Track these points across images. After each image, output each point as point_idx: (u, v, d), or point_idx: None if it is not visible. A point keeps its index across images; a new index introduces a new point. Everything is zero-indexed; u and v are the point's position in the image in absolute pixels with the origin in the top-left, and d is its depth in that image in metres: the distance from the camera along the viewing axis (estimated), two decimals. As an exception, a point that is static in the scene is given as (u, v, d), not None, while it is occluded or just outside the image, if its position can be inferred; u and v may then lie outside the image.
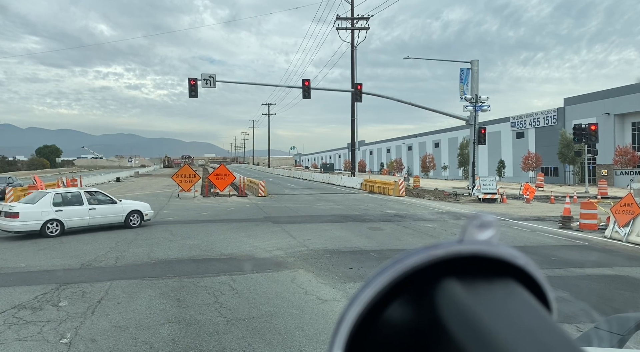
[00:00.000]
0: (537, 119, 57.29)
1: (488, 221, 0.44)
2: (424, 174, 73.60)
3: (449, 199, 27.58)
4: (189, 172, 27.53)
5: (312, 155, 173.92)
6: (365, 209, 20.90)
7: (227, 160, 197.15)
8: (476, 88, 30.11)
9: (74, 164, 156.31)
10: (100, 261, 9.82)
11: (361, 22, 39.49)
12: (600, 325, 1.85)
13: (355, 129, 41.76)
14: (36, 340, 5.44)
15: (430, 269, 0.41)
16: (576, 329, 5.68)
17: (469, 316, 0.37)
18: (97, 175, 51.87)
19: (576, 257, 10.53)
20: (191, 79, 28.38)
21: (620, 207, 13.34)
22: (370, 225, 15.61)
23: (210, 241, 12.24)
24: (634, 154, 42.70)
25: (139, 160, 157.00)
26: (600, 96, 48.14)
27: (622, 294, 7.57)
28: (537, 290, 0.43)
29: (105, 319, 6.13)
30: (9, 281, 8.24)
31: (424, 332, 0.39)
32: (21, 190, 25.50)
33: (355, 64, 39.69)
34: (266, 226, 15.36)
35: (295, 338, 5.49)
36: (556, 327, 0.37)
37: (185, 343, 5.34)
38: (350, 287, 7.74)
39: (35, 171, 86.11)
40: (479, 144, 29.56)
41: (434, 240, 12.28)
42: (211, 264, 9.56)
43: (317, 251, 10.92)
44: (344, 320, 0.40)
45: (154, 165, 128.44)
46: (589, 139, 30.40)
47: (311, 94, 30.05)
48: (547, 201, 25.95)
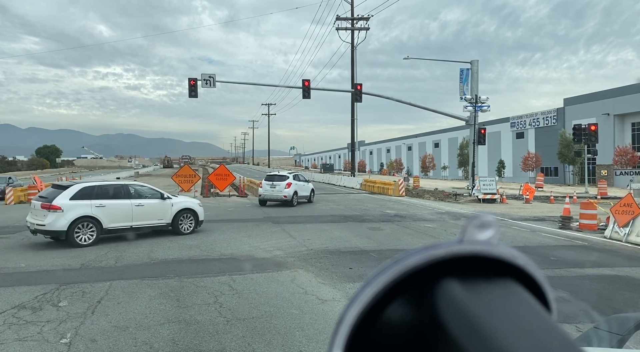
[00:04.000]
0: (536, 119, 57.31)
1: (488, 221, 0.44)
2: (424, 174, 73.59)
3: (448, 199, 27.58)
4: (188, 172, 27.51)
5: (312, 156, 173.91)
6: (365, 209, 20.90)
7: (227, 160, 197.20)
8: (476, 88, 30.12)
9: (73, 164, 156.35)
10: (100, 261, 9.82)
11: (361, 22, 39.49)
12: (599, 325, 1.85)
13: (355, 129, 41.75)
14: (36, 340, 5.44)
15: (430, 269, 0.41)
16: (576, 329, 5.68)
17: (469, 316, 0.37)
18: (97, 175, 51.85)
19: (576, 258, 10.54)
20: (191, 79, 28.38)
21: (620, 207, 13.35)
22: (370, 225, 15.61)
23: (210, 241, 12.24)
24: (633, 154, 42.70)
25: (139, 160, 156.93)
26: (600, 96, 48.15)
27: (621, 294, 7.57)
28: (537, 290, 0.43)
29: (105, 319, 6.13)
30: (9, 281, 8.24)
31: (423, 332, 0.39)
32: (21, 190, 25.49)
33: (355, 65, 39.68)
34: (266, 226, 15.36)
35: (295, 338, 5.49)
36: (556, 327, 0.37)
37: (185, 343, 5.34)
38: (350, 287, 7.74)
39: (35, 171, 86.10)
40: (478, 144, 29.56)
41: (434, 240, 12.27)
42: (211, 264, 9.56)
43: (317, 251, 10.92)
44: (343, 320, 0.40)
45: (154, 165, 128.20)
46: (588, 139, 30.40)
47: (311, 94, 30.06)
48: (547, 201, 25.95)
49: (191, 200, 14.23)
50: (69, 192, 11.77)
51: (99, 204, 11.98)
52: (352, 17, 39.62)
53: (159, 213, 13.12)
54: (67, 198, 11.64)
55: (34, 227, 11.57)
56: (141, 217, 12.73)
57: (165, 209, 13.23)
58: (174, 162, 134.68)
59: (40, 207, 11.57)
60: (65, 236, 11.41)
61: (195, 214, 13.55)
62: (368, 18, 39.27)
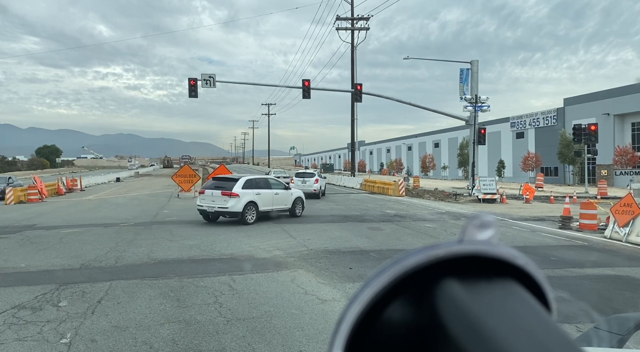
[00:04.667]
0: (537, 119, 57.32)
1: (488, 221, 0.44)
2: (424, 174, 73.60)
3: (448, 199, 27.58)
4: (188, 172, 27.52)
5: (312, 156, 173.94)
6: (365, 209, 20.90)
7: (227, 160, 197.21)
8: (476, 88, 30.12)
9: (73, 164, 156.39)
10: (100, 261, 9.82)
11: (361, 22, 39.49)
12: (599, 325, 1.85)
13: (355, 129, 41.74)
14: (36, 340, 5.44)
15: (430, 269, 0.41)
16: (576, 329, 5.68)
17: (469, 316, 0.37)
18: (97, 175, 51.85)
19: (576, 257, 10.54)
20: (191, 79, 28.38)
21: (620, 207, 13.35)
22: (370, 225, 15.61)
23: (210, 241, 12.24)
24: (633, 154, 42.71)
25: (139, 160, 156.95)
26: (600, 96, 48.16)
27: (622, 294, 7.58)
28: (537, 290, 0.43)
29: (105, 319, 6.13)
30: (9, 281, 8.24)
31: (423, 332, 0.39)
32: (21, 190, 25.49)
33: (355, 64, 39.68)
34: (266, 226, 15.36)
35: (295, 338, 5.49)
36: (556, 327, 0.37)
37: (185, 343, 5.34)
38: (350, 287, 7.74)
39: (35, 171, 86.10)
40: (478, 144, 29.56)
41: (434, 240, 12.28)
42: (211, 264, 9.56)
43: (317, 251, 10.92)
44: (343, 320, 0.40)
45: (149, 165, 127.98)
46: (588, 139, 30.40)
47: (311, 94, 30.06)
48: (547, 201, 25.95)
49: (299, 191, 18.32)
50: (240, 183, 15.63)
51: (257, 193, 15.95)
52: (352, 17, 39.62)
53: (285, 200, 17.19)
54: (240, 188, 15.45)
55: (213, 209, 15.37)
56: (277, 203, 16.84)
57: (288, 197, 17.24)
58: (174, 162, 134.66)
59: (220, 195, 15.26)
60: (241, 215, 15.28)
61: (303, 201, 17.44)
62: (368, 18, 39.28)
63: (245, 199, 15.32)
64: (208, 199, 15.51)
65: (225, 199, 15.14)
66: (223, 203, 15.16)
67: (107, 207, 21.97)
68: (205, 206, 15.55)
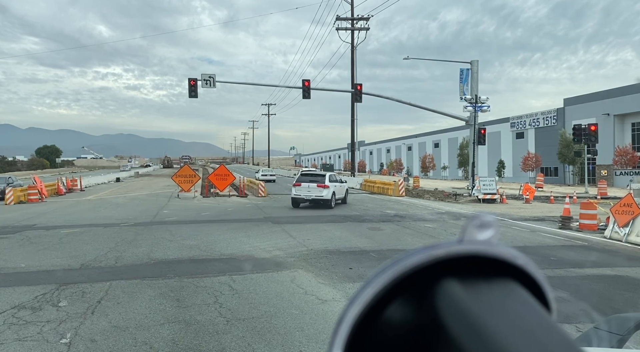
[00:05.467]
0: (536, 119, 57.32)
1: (487, 221, 0.44)
2: (424, 174, 73.61)
3: (448, 199, 27.58)
4: (188, 172, 27.52)
5: (312, 156, 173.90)
6: (365, 209, 20.91)
7: (227, 160, 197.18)
8: (476, 88, 30.12)
9: (73, 164, 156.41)
10: (100, 261, 9.81)
11: (361, 22, 39.49)
12: (599, 325, 1.85)
13: (355, 129, 41.74)
14: (36, 340, 5.44)
15: (430, 269, 0.41)
16: (576, 329, 5.68)
17: (469, 316, 0.37)
18: (97, 175, 51.84)
19: (576, 258, 10.54)
20: (191, 79, 28.37)
21: (620, 207, 13.35)
22: (370, 225, 15.61)
23: (210, 241, 12.24)
24: (633, 155, 42.72)
25: (139, 160, 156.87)
26: (600, 96, 48.17)
27: (622, 294, 7.57)
28: (537, 290, 0.43)
29: (105, 319, 6.13)
30: (9, 281, 8.23)
31: (423, 332, 0.39)
32: (21, 190, 25.49)
33: (355, 65, 39.68)
34: (266, 226, 15.36)
35: (295, 338, 5.49)
36: (556, 327, 0.37)
37: (185, 343, 5.34)
38: (350, 287, 7.73)
39: (35, 171, 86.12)
40: (478, 145, 29.56)
41: (434, 240, 12.27)
42: (211, 264, 9.56)
43: (317, 251, 10.91)
44: (343, 320, 0.40)
45: (145, 165, 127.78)
46: (588, 139, 30.41)
47: (311, 94, 30.05)
48: (547, 201, 25.95)
49: (346, 184, 24.17)
50: (327, 178, 21.23)
51: (335, 185, 21.60)
52: (352, 17, 39.62)
53: (342, 192, 23.01)
54: (328, 181, 21.03)
55: (310, 197, 20.80)
56: (339, 193, 22.32)
57: (344, 190, 23.11)
58: (174, 162, 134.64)
59: (316, 186, 20.71)
60: (330, 202, 20.78)
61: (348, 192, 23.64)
62: (368, 18, 39.28)
63: (332, 190, 20.86)
64: (304, 190, 20.77)
65: (320, 190, 20.57)
66: (319, 193, 20.61)
67: (107, 207, 21.96)
68: (302, 195, 20.80)
